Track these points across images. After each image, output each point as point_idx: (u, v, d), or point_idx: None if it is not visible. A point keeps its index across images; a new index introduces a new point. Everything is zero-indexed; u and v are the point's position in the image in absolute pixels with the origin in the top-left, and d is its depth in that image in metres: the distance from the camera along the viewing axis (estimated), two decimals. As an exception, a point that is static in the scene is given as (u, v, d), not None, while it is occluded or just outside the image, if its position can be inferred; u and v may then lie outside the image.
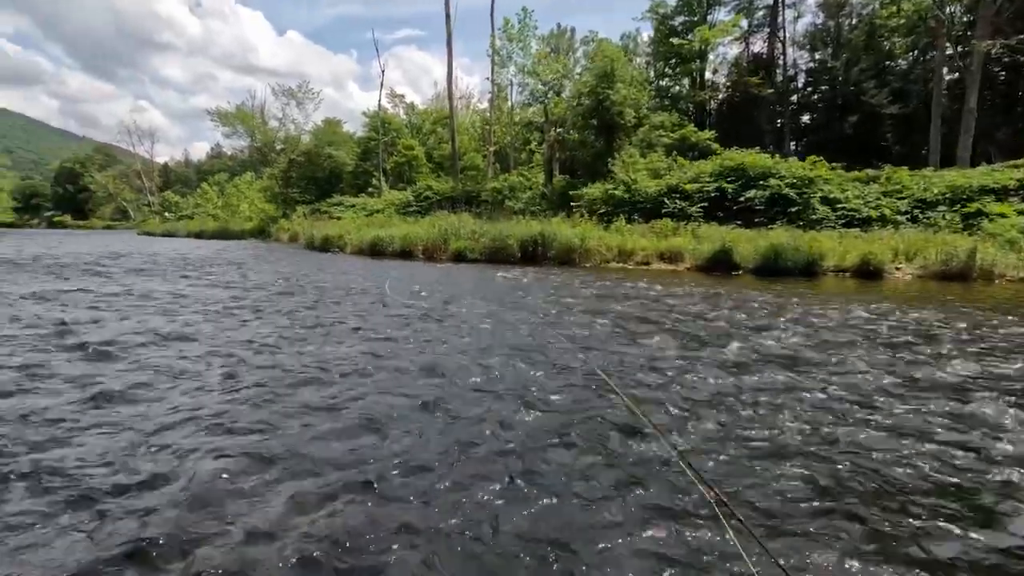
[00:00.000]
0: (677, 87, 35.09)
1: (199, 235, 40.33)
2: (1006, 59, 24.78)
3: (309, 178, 38.78)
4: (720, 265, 12.76)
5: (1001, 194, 13.87)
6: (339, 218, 28.79)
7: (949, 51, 25.10)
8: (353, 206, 31.37)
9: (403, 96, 46.24)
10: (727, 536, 2.09)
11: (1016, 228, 11.93)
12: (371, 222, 24.80)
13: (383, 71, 36.96)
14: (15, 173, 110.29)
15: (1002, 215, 12.72)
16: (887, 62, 31.04)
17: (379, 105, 37.87)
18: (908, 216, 14.45)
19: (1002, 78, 27.20)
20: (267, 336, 5.79)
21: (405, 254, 18.13)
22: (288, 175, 38.23)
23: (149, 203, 76.63)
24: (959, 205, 14.03)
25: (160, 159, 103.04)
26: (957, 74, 26.47)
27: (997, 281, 10.31)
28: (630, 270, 13.71)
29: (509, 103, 32.57)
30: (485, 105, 42.28)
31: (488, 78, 31.16)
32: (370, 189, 34.73)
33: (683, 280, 11.24)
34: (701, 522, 2.29)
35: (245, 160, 54.40)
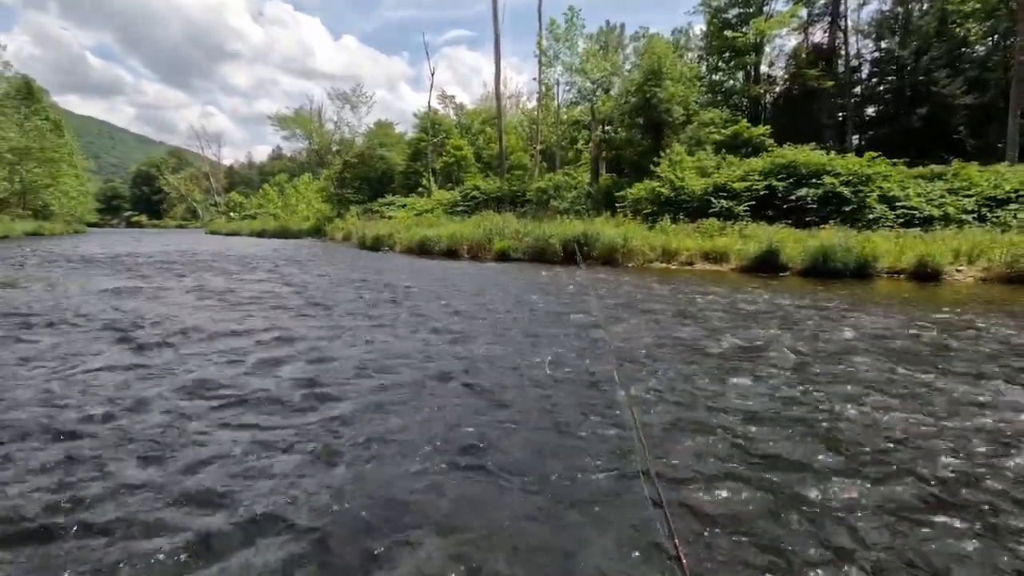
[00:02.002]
0: (731, 81, 34.07)
1: (261, 234, 42.49)
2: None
3: (362, 179, 40.18)
4: (766, 266, 12.46)
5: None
6: (390, 217, 29.73)
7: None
8: (404, 206, 32.31)
9: (453, 97, 47.32)
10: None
11: (1097, 228, 11.06)
12: (420, 221, 25.49)
13: (433, 73, 37.73)
14: (100, 177, 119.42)
15: (1081, 214, 11.81)
16: (961, 49, 29.07)
17: (428, 106, 38.78)
18: (975, 215, 13.62)
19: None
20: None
21: (451, 253, 18.59)
22: (342, 176, 39.73)
23: (216, 203, 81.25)
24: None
25: (226, 161, 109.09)
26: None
27: (1070, 285, 9.63)
28: (673, 270, 13.58)
29: (556, 102, 32.62)
30: (533, 104, 42.48)
31: (535, 78, 31.34)
32: (420, 189, 35.65)
33: (721, 280, 11.08)
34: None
35: (303, 162, 56.89)
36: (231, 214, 67.88)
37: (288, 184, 61.49)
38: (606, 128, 27.64)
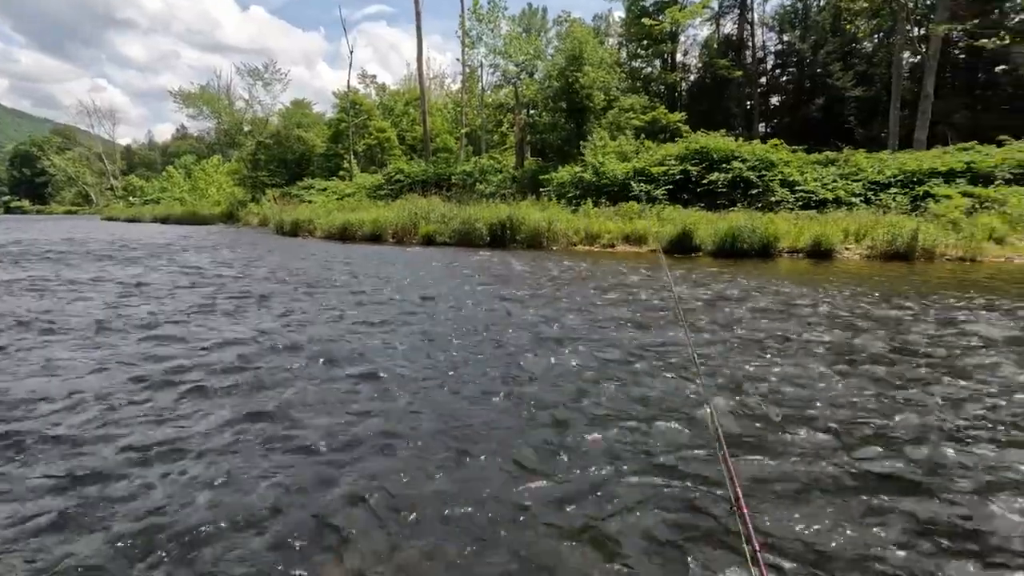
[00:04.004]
0: (649, 68, 35.18)
1: (165, 220, 39.37)
2: (962, 44, 25.43)
3: (279, 161, 38.11)
4: (682, 247, 13.10)
5: (948, 176, 14.45)
6: (310, 202, 28.48)
7: (910, 34, 25.66)
8: (324, 190, 31.04)
9: (374, 76, 45.59)
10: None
11: (959, 209, 12.48)
12: (342, 206, 24.62)
13: (352, 50, 36.36)
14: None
15: (947, 197, 13.27)
16: (852, 45, 31.57)
17: (348, 85, 37.23)
18: (862, 198, 14.95)
19: (961, 61, 27.99)
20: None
21: (375, 238, 18.13)
22: (256, 158, 37.51)
23: (112, 187, 74.28)
24: (909, 187, 14.58)
25: (122, 141, 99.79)
26: (918, 58, 27.13)
27: (937, 260, 10.83)
28: (596, 252, 13.98)
29: (480, 85, 32.34)
30: (457, 86, 41.86)
31: (459, 59, 30.87)
32: (341, 172, 34.33)
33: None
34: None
35: (212, 142, 52.97)
36: (130, 199, 62.34)
37: (196, 166, 57.21)
38: (530, 112, 27.80)
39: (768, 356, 4.60)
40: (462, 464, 2.83)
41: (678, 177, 17.43)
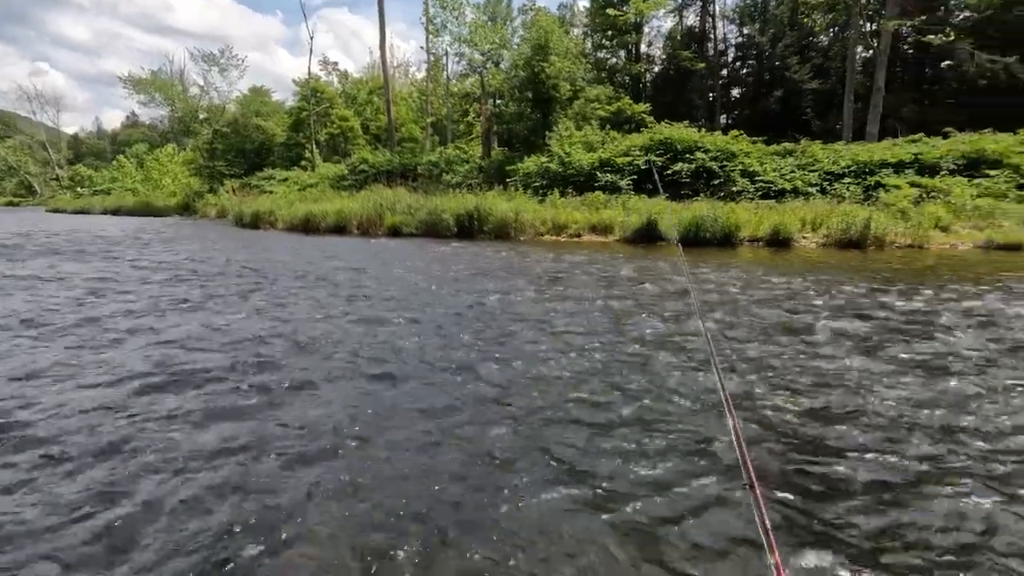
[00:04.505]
0: (614, 59, 35.38)
1: (116, 211, 37.69)
2: (911, 39, 26.44)
3: (237, 150, 36.84)
4: (647, 237, 13.30)
5: (898, 167, 15.07)
6: (270, 192, 27.69)
7: (863, 29, 26.53)
8: (285, 180, 30.20)
9: (336, 63, 44.59)
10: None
11: (908, 199, 13.03)
12: (304, 197, 24.04)
13: (312, 36, 35.26)
14: None
15: (897, 187, 13.84)
16: (809, 39, 32.43)
17: (309, 72, 36.22)
18: (818, 188, 15.45)
19: (910, 57, 29.09)
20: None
21: (339, 230, 17.79)
22: (213, 147, 36.19)
23: (58, 177, 70.61)
24: (862, 177, 15.14)
25: (68, 129, 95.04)
26: (870, 52, 28.06)
27: (887, 248, 11.31)
28: (563, 242, 14.06)
29: (445, 74, 31.95)
30: (422, 75, 41.28)
31: (423, 47, 30.43)
32: (303, 162, 33.42)
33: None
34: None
35: (166, 131, 50.84)
36: (78, 189, 59.36)
37: (148, 156, 54.81)
38: (496, 102, 27.64)
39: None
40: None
41: (643, 167, 17.63)
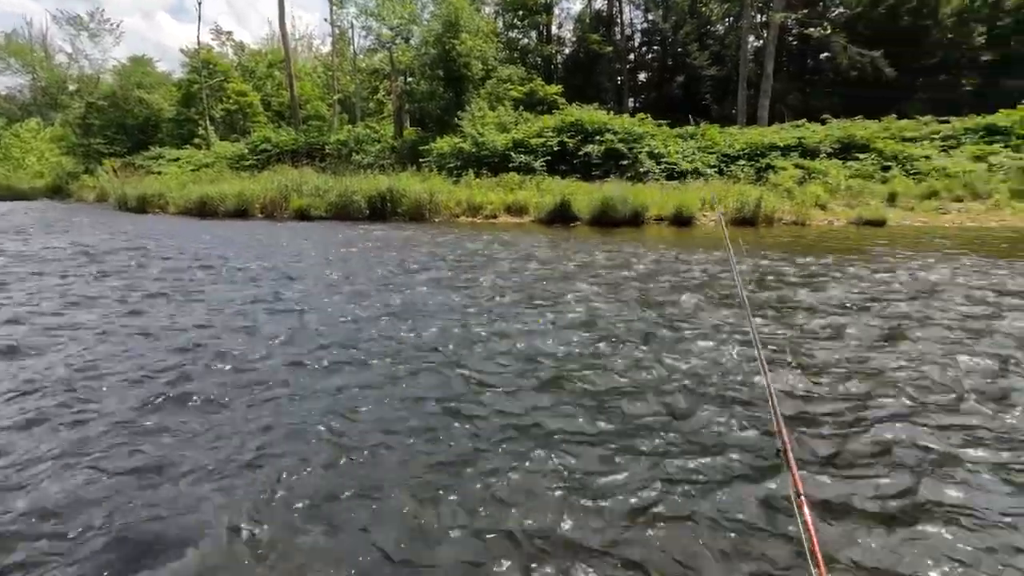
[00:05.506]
0: (525, 40, 35.40)
1: (-35, 194, 32.91)
2: (795, 31, 28.59)
3: (117, 126, 33.30)
4: (561, 217, 13.56)
5: (785, 151, 16.38)
6: (159, 173, 25.32)
7: (754, 20, 28.36)
8: (177, 159, 27.72)
9: (230, 33, 41.09)
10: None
11: (793, 180, 14.23)
12: (198, 178, 22.25)
13: (200, 1, 32.10)
14: None
15: (784, 168, 15.05)
16: (707, 27, 34.17)
17: (199, 42, 33.12)
18: (716, 169, 16.47)
19: (794, 48, 31.49)
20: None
21: (241, 213, 16.64)
22: (88, 122, 32.44)
23: None
24: (755, 160, 16.31)
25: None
26: (761, 42, 30.08)
27: (776, 225, 12.32)
28: (479, 223, 14.03)
29: (352, 48, 30.52)
30: (328, 48, 39.14)
31: (327, 19, 28.81)
32: (196, 140, 30.77)
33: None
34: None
35: (27, 103, 44.78)
36: (-84, 169, 51.02)
37: (6, 131, 48.09)
38: (407, 80, 26.83)
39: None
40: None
41: (556, 148, 17.91)
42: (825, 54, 28.55)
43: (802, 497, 1.47)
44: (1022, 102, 15.66)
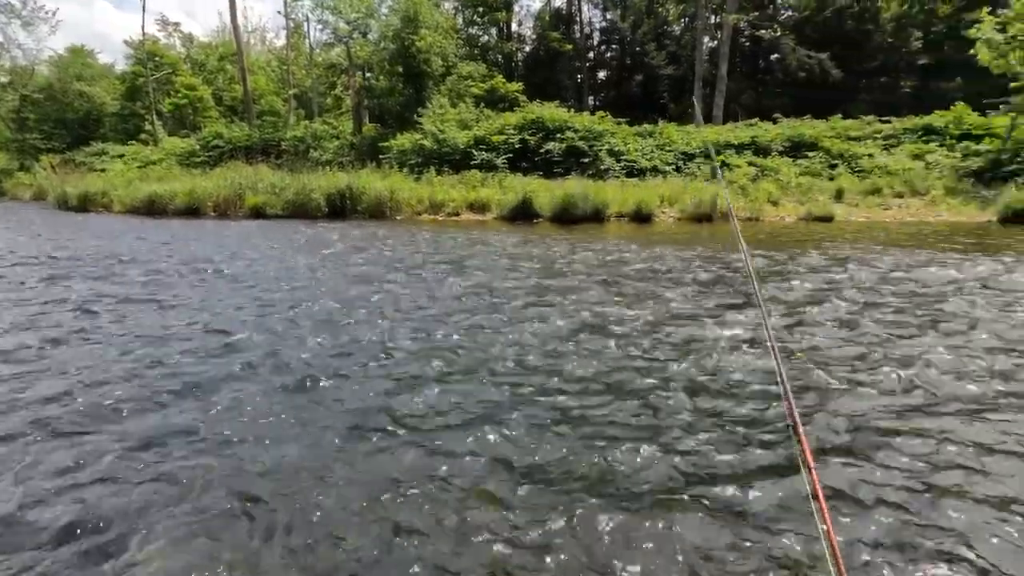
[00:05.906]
0: (485, 37, 35.28)
1: None
2: (748, 33, 29.47)
3: (55, 121, 31.55)
4: (523, 214, 13.61)
5: (739, 148, 16.88)
6: (103, 171, 24.10)
7: (709, 21, 29.09)
8: (122, 156, 26.46)
9: (178, 24, 39.34)
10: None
11: (747, 177, 14.69)
12: (146, 175, 21.34)
13: (145, -10, 30.64)
14: None
15: (738, 166, 15.52)
16: (664, 27, 34.81)
17: (143, 32, 31.65)
18: (674, 167, 16.84)
19: (747, 49, 32.45)
20: None
21: (192, 212, 16.02)
22: (22, 116, 30.63)
23: None
24: (710, 158, 16.74)
25: None
26: (715, 43, 30.86)
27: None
28: (440, 221, 13.94)
29: (308, 42, 29.78)
30: (283, 42, 38.07)
31: (280, 12, 28.00)
32: (143, 136, 29.43)
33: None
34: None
35: (-48, 95, 41.89)
36: None
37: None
38: (366, 75, 26.38)
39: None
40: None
41: (517, 146, 17.95)
42: (776, 55, 29.53)
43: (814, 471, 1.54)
44: (954, 104, 16.61)
